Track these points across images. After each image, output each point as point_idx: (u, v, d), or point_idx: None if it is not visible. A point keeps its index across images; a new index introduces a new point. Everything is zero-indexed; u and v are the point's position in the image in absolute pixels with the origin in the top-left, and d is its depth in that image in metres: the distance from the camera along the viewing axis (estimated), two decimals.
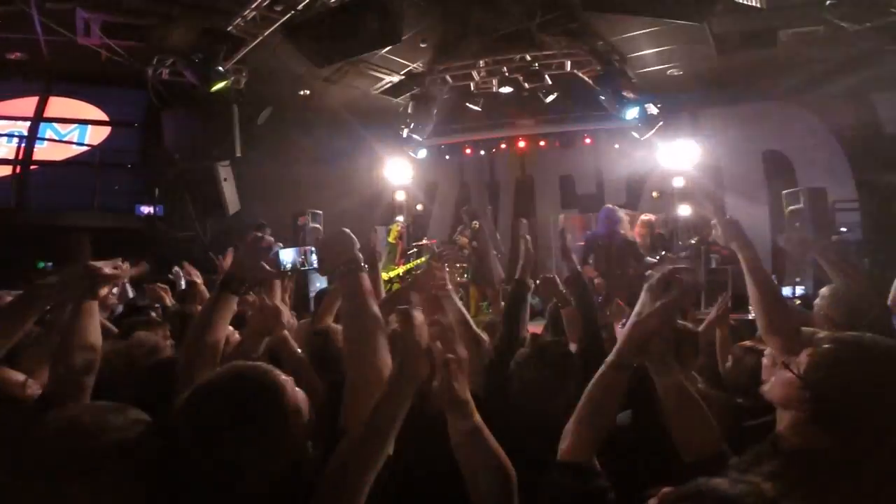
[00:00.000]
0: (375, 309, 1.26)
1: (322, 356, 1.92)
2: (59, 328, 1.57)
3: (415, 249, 8.66)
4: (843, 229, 7.29)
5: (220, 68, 5.02)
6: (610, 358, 1.34)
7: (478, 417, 1.07)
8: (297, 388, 1.15)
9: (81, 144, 7.08)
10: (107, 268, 1.63)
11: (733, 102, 7.90)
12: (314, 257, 1.70)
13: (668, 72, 7.02)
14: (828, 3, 4.56)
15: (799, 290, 6.80)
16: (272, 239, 1.60)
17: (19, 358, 1.68)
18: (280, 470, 1.06)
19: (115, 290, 3.42)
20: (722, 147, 8.13)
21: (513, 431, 1.31)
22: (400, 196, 9.75)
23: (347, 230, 1.38)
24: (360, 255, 1.32)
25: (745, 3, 4.75)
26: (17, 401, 1.49)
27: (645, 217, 7.29)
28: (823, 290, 2.46)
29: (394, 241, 8.32)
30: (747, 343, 2.39)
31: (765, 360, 1.99)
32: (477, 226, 7.57)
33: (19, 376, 1.57)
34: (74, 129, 7.07)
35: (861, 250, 6.88)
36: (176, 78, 5.38)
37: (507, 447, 1.15)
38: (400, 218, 9.37)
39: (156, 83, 5.33)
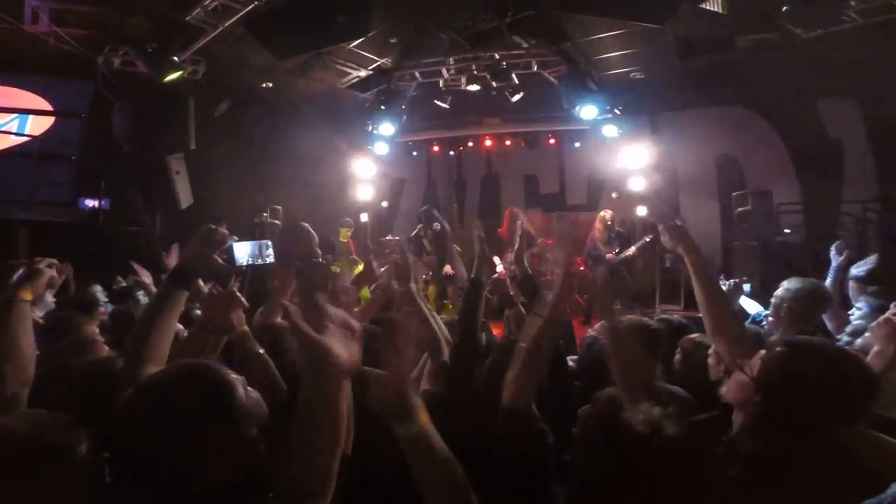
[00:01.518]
0: (330, 305, 1.17)
1: (273, 353, 1.81)
2: None
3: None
4: (787, 230, 7.73)
5: (176, 58, 4.74)
6: (543, 315, 1.52)
7: (422, 422, 1.01)
8: (249, 388, 1.10)
9: (21, 135, 6.53)
10: (42, 265, 1.53)
11: (690, 106, 8.20)
12: (270, 251, 1.64)
13: (632, 75, 7.20)
14: (783, 9, 4.77)
15: (746, 288, 7.18)
16: (226, 232, 1.50)
17: None
18: (231, 470, 1.02)
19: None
20: (678, 150, 8.44)
21: (476, 429, 1.40)
22: (365, 192, 9.58)
23: (306, 224, 1.33)
24: (318, 251, 1.28)
25: (707, 8, 4.91)
26: None
27: (602, 213, 7.53)
28: (785, 283, 2.60)
29: (344, 241, 8.14)
30: (695, 336, 2.43)
31: (710, 360, 2.06)
32: (438, 227, 7.55)
33: None
34: (14, 118, 6.52)
35: (804, 252, 7.31)
36: (128, 68, 5.04)
37: (470, 446, 1.17)
38: (349, 219, 9.20)
39: (106, 73, 4.98)
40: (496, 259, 7.01)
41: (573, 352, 3.18)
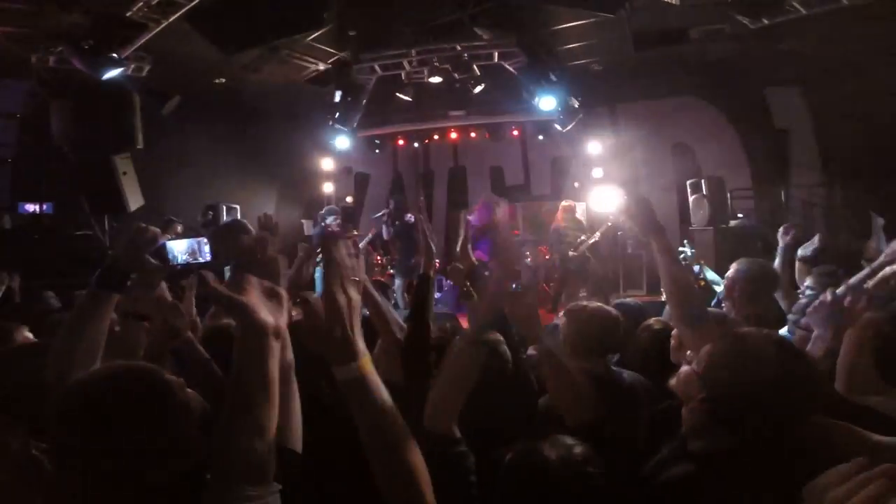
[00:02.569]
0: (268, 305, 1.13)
1: (220, 355, 1.74)
2: None
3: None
4: (741, 215, 8.06)
5: (115, 55, 4.45)
6: (469, 335, 1.46)
7: (365, 366, 0.94)
8: (186, 389, 1.10)
9: None
10: None
11: (647, 97, 8.38)
12: (206, 248, 1.60)
13: (591, 66, 7.27)
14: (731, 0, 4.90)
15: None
16: (158, 230, 1.44)
17: None
18: (170, 468, 1.00)
19: None
20: (637, 139, 8.63)
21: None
22: (328, 188, 9.38)
23: (242, 219, 1.27)
24: (255, 247, 1.22)
25: None
26: None
27: (565, 203, 7.66)
28: (735, 265, 2.65)
29: None
30: (652, 321, 2.48)
31: (672, 342, 2.07)
32: (410, 218, 7.51)
33: None
34: None
35: (755, 235, 7.65)
36: (64, 66, 4.70)
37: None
38: (334, 207, 9.03)
39: (41, 71, 4.63)
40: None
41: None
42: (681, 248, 4.58)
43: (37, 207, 6.77)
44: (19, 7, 3.82)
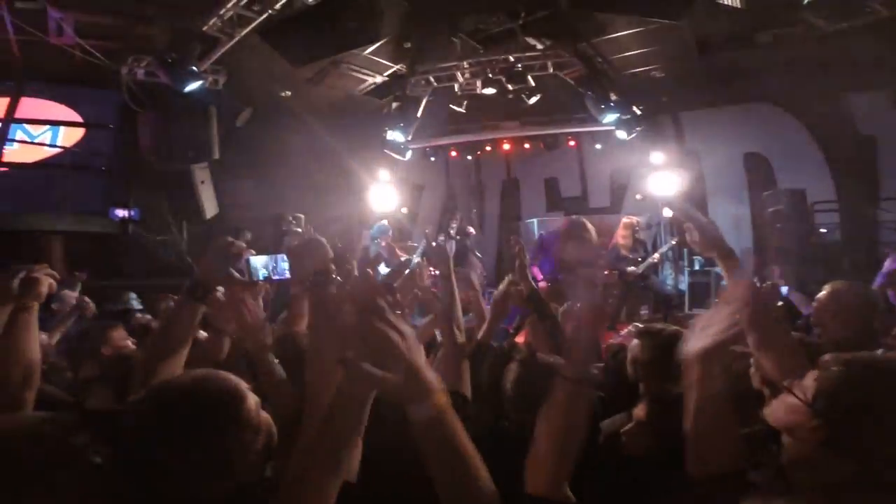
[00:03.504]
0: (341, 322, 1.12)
1: (287, 362, 1.81)
2: None
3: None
4: (823, 230, 7.40)
5: (195, 69, 4.90)
6: (567, 375, 1.16)
7: (441, 403, 0.87)
8: (261, 411, 1.10)
9: (54, 146, 6.86)
10: (41, 275, 1.55)
11: (714, 104, 7.99)
12: (285, 265, 1.64)
13: (651, 73, 7.06)
14: (805, 2, 4.61)
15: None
16: (244, 245, 1.49)
17: None
18: (233, 478, 1.00)
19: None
20: (704, 149, 8.21)
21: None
22: (384, 199, 9.65)
23: (321, 238, 1.29)
24: (332, 266, 1.23)
25: (725, 3, 4.78)
26: None
27: (627, 220, 7.34)
28: (829, 286, 2.48)
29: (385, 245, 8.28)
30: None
31: (752, 370, 1.90)
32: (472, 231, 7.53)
33: None
34: (47, 130, 6.82)
35: (841, 250, 6.99)
36: (151, 79, 5.24)
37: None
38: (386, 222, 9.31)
39: (130, 84, 5.18)
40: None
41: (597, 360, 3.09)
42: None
43: (125, 213, 7.46)
44: (107, 21, 4.31)
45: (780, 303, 3.71)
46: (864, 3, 4.48)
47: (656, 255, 6.98)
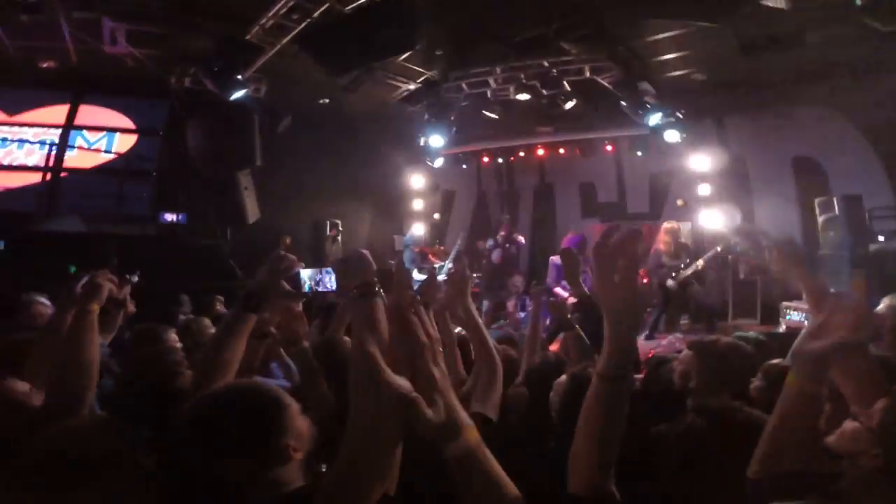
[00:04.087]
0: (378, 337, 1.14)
1: (328, 364, 1.88)
2: (60, 339, 1.63)
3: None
4: (882, 238, 6.94)
5: (240, 77, 5.11)
6: (602, 372, 1.10)
7: (473, 439, 0.90)
8: (301, 415, 1.16)
9: (109, 152, 7.28)
10: (103, 280, 1.68)
11: (759, 107, 7.65)
12: (329, 277, 1.73)
13: (692, 76, 6.86)
14: (859, 3, 4.37)
15: None
16: (294, 258, 1.59)
17: (22, 367, 1.71)
18: (276, 487, 1.05)
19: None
20: (749, 153, 7.88)
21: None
22: (417, 204, 9.76)
23: (366, 252, 1.33)
24: (376, 280, 1.27)
25: (769, 4, 4.60)
26: (22, 411, 1.51)
27: (668, 224, 7.12)
28: (888, 299, 2.40)
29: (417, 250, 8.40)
30: (779, 361, 2.22)
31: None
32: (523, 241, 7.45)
33: (24, 386, 1.59)
34: (103, 136, 7.23)
35: None
36: (198, 86, 5.49)
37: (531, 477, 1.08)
38: (419, 227, 9.39)
39: (179, 91, 5.45)
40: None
41: (636, 371, 3.03)
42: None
43: (174, 217, 7.79)
44: (153, 30, 4.56)
45: None
46: None
47: (701, 262, 6.69)
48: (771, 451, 1.21)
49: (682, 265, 6.75)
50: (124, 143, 7.34)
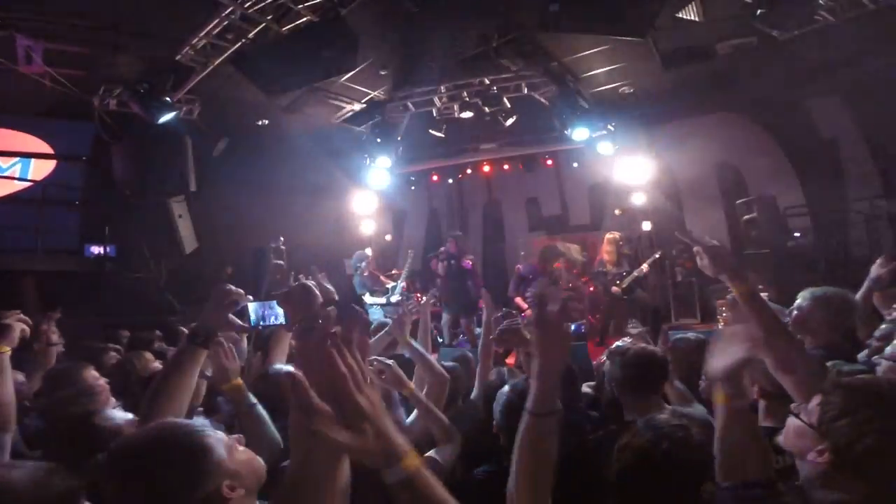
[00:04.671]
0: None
1: (267, 397, 1.83)
2: None
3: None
4: (797, 234, 7.55)
5: (168, 99, 4.90)
6: (530, 409, 1.20)
7: (412, 465, 0.88)
8: (241, 447, 1.13)
9: (24, 180, 6.71)
10: (13, 321, 1.68)
11: (683, 116, 8.22)
12: (276, 311, 1.81)
13: (620, 89, 7.28)
14: (757, 14, 4.82)
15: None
16: (242, 292, 1.58)
17: None
18: None
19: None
20: (676, 161, 8.40)
21: None
22: (367, 226, 9.64)
23: (310, 284, 1.32)
24: (321, 312, 1.25)
25: (684, 17, 4.99)
26: None
27: (610, 235, 7.41)
28: (807, 293, 2.51)
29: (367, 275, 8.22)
30: None
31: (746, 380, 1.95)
32: (469, 265, 7.54)
33: None
34: (16, 162, 6.65)
35: (816, 254, 7.12)
36: (123, 109, 5.21)
37: None
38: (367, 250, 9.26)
39: (103, 114, 5.15)
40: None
41: (589, 377, 3.07)
42: None
43: (101, 249, 7.28)
44: (77, 50, 4.31)
45: None
46: (812, 10, 4.70)
47: (644, 267, 6.96)
48: (726, 464, 1.25)
49: (625, 272, 7.03)
50: (41, 169, 6.79)
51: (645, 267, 7.01)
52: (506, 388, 1.97)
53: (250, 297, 1.63)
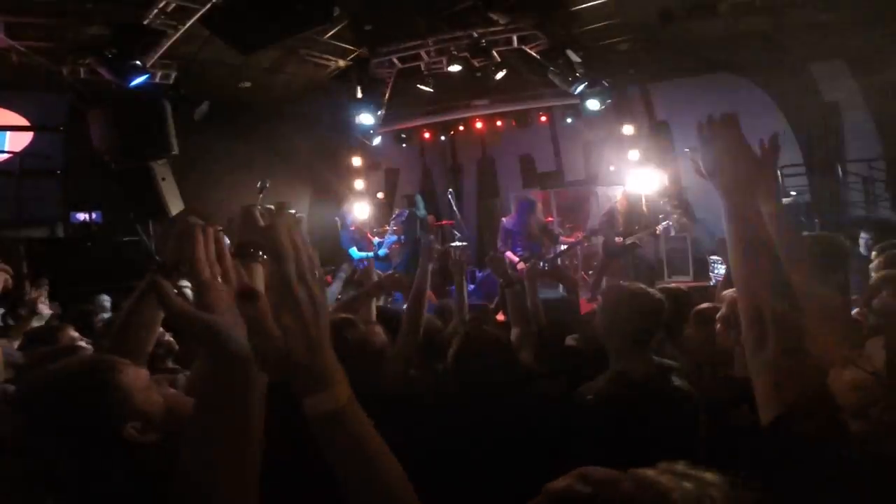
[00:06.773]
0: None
1: None
2: None
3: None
4: (793, 192, 7.52)
5: (139, 62, 4.66)
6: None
7: (343, 396, 0.70)
8: (170, 391, 1.07)
9: (1, 152, 6.53)
10: None
11: (681, 75, 7.94)
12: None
13: (617, 46, 6.96)
14: None
15: None
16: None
17: None
18: (121, 475, 0.96)
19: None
20: (673, 119, 8.19)
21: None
22: (359, 185, 9.50)
23: (253, 208, 1.17)
24: (259, 241, 1.12)
25: None
26: None
27: (628, 191, 7.26)
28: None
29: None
30: (707, 306, 2.28)
31: (717, 327, 1.88)
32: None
33: None
34: None
35: (811, 212, 7.12)
36: (95, 77, 4.98)
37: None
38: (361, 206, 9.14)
39: (75, 83, 4.92)
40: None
41: (576, 329, 3.13)
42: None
43: (87, 216, 7.18)
44: (41, 21, 4.06)
45: None
46: None
47: (659, 228, 6.57)
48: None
49: (636, 228, 6.83)
50: (18, 141, 6.59)
51: (659, 228, 6.75)
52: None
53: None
